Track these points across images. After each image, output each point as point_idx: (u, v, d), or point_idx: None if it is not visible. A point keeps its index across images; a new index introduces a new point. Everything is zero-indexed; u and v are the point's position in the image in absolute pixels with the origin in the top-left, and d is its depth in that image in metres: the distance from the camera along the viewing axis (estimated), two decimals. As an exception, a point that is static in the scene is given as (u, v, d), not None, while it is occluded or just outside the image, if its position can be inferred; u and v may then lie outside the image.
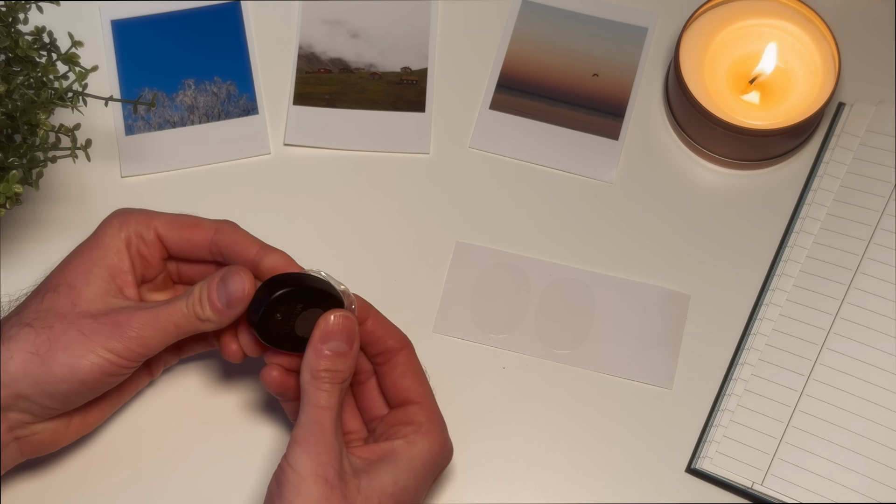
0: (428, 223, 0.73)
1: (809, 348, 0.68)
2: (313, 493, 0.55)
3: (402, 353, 0.61)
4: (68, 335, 0.57)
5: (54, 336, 0.57)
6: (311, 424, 0.57)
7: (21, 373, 0.57)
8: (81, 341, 0.57)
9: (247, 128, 0.75)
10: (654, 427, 0.68)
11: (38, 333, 0.57)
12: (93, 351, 0.57)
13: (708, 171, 0.74)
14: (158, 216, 0.62)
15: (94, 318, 0.58)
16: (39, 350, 0.57)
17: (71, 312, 0.58)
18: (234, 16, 0.77)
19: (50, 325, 0.57)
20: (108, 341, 0.57)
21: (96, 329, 0.57)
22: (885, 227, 0.70)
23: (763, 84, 0.73)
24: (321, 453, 0.56)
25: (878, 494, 0.65)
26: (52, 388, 0.57)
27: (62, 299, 0.59)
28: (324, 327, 0.58)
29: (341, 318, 0.58)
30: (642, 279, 0.71)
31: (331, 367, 0.58)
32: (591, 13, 0.77)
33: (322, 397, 0.57)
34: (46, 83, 0.63)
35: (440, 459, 0.60)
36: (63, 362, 0.57)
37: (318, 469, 0.55)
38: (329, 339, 0.58)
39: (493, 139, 0.75)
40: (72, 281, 0.59)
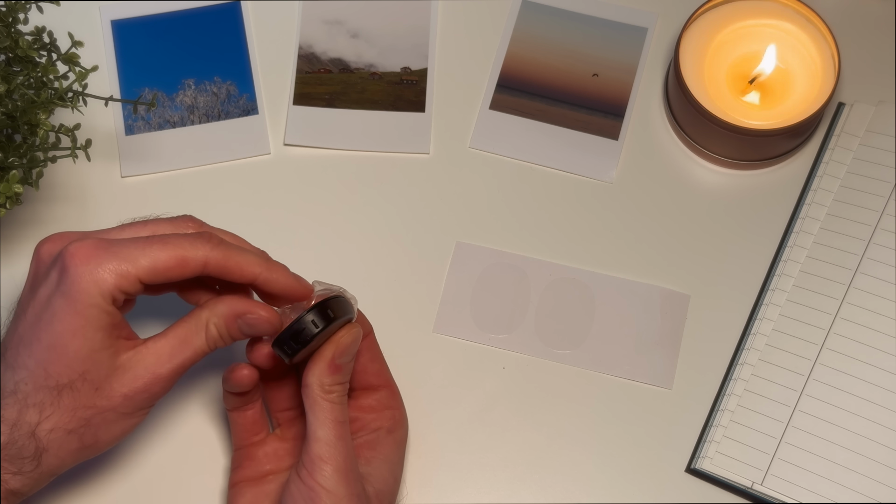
0: (428, 223, 0.73)
1: (809, 348, 0.68)
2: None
3: (369, 337, 0.63)
4: (107, 420, 0.57)
5: (95, 428, 0.57)
6: (337, 442, 0.57)
7: (72, 463, 0.58)
8: (122, 419, 0.58)
9: (247, 128, 0.75)
10: (654, 427, 0.68)
11: (81, 435, 0.57)
12: (133, 418, 0.58)
13: (708, 171, 0.74)
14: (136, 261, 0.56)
15: (123, 395, 0.57)
16: (86, 444, 0.57)
17: (98, 400, 0.57)
18: (234, 16, 0.77)
19: (87, 421, 0.57)
20: (145, 404, 0.58)
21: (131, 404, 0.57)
22: (885, 227, 0.70)
23: (763, 84, 0.73)
24: (351, 470, 0.57)
25: (878, 494, 0.65)
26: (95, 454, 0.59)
27: (83, 394, 0.56)
28: (339, 344, 0.58)
29: (353, 335, 0.59)
30: (642, 279, 0.71)
31: (341, 380, 0.58)
32: (591, 13, 0.77)
33: (339, 412, 0.58)
34: (46, 83, 0.63)
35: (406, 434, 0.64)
36: (109, 442, 0.58)
37: (350, 487, 0.57)
38: (343, 354, 0.58)
39: (493, 139, 0.75)
40: (84, 370, 0.56)
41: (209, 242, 0.57)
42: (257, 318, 0.58)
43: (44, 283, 0.57)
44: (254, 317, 0.58)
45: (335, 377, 0.58)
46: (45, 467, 0.56)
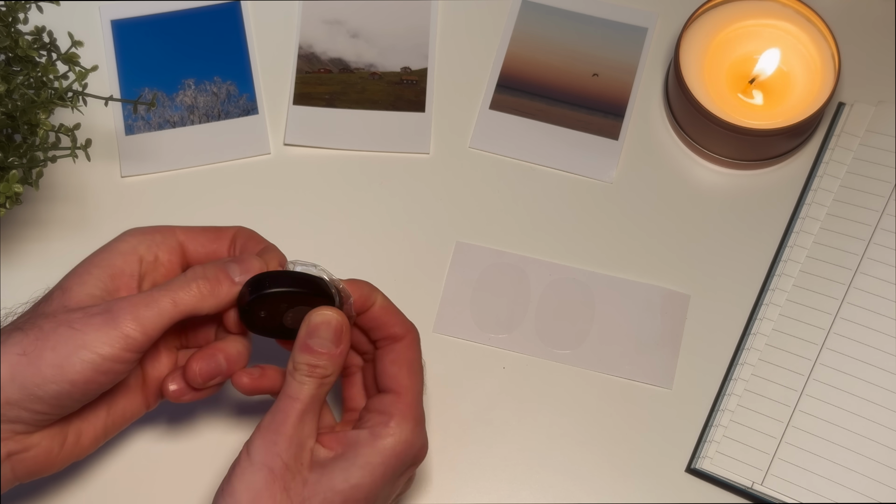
0: (428, 223, 0.73)
1: (809, 348, 0.68)
2: (255, 480, 0.54)
3: (402, 341, 0.60)
4: (58, 333, 0.54)
5: (43, 335, 0.54)
6: (276, 413, 0.56)
7: (8, 377, 0.54)
8: (71, 336, 0.54)
9: (247, 128, 0.75)
10: (654, 427, 0.68)
11: (25, 334, 0.54)
12: (84, 346, 0.54)
13: (708, 171, 0.74)
14: (179, 227, 0.61)
15: (83, 311, 0.55)
16: (27, 350, 0.54)
17: (61, 311, 0.56)
18: (234, 16, 0.77)
19: (39, 325, 0.55)
20: (99, 331, 0.54)
21: (86, 321, 0.55)
22: (885, 227, 0.70)
23: (763, 84, 0.73)
24: (275, 442, 0.55)
25: (879, 494, 0.65)
26: (40, 389, 0.54)
27: (53, 302, 0.57)
28: (309, 324, 0.58)
29: (324, 315, 0.58)
30: (642, 279, 0.71)
31: (310, 361, 0.57)
32: (591, 13, 0.77)
33: (293, 387, 0.57)
34: (46, 83, 0.63)
35: (405, 457, 0.58)
36: (51, 361, 0.54)
37: (267, 458, 0.55)
38: (313, 334, 0.57)
39: (493, 139, 0.75)
40: (65, 284, 0.57)
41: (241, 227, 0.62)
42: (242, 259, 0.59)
43: None
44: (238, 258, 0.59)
45: (303, 356, 0.57)
46: None
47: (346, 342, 0.58)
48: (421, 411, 0.59)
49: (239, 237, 0.61)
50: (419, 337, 0.61)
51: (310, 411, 0.57)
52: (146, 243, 0.59)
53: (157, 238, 0.59)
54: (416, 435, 0.58)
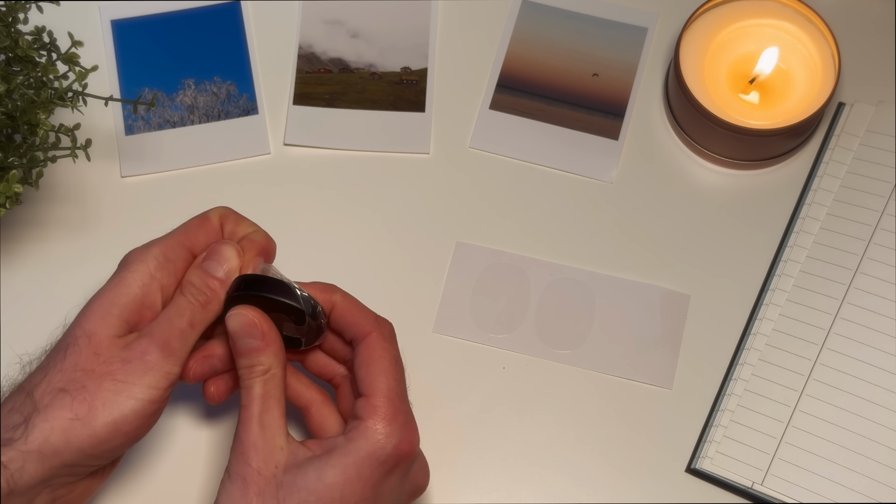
0: (428, 223, 0.73)
1: (809, 348, 0.68)
2: (232, 490, 0.55)
3: (365, 340, 0.59)
4: (104, 388, 0.55)
5: (91, 395, 0.55)
6: (239, 424, 0.57)
7: (63, 444, 0.54)
8: (118, 390, 0.55)
9: (247, 128, 0.75)
10: (654, 427, 0.68)
11: (73, 397, 0.55)
12: (131, 396, 0.55)
13: (708, 171, 0.74)
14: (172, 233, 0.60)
15: (121, 359, 0.56)
16: (79, 414, 0.54)
17: (97, 364, 0.56)
18: (234, 16, 0.77)
19: (83, 385, 0.55)
20: (143, 377, 0.56)
21: (128, 370, 0.56)
22: (885, 227, 0.70)
23: (763, 84, 0.73)
24: (241, 452, 0.56)
25: (879, 494, 0.65)
26: (96, 449, 0.55)
27: (84, 352, 0.56)
28: (229, 329, 0.58)
29: (238, 316, 0.58)
30: (642, 279, 0.71)
31: (244, 363, 0.57)
32: (591, 13, 0.77)
33: (243, 395, 0.57)
34: (46, 83, 0.63)
35: (381, 455, 0.56)
36: (105, 420, 0.55)
37: (238, 468, 0.55)
38: (235, 338, 0.58)
39: (493, 139, 0.75)
40: (90, 329, 0.57)
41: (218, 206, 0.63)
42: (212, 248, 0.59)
43: None
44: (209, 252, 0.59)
45: (238, 361, 0.58)
46: (33, 437, 0.54)
47: (271, 332, 0.58)
48: (395, 408, 0.58)
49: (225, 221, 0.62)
50: (389, 331, 0.60)
51: (266, 411, 0.57)
52: (165, 269, 0.59)
53: (171, 256, 0.59)
54: (388, 434, 0.57)
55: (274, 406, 0.57)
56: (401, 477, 0.58)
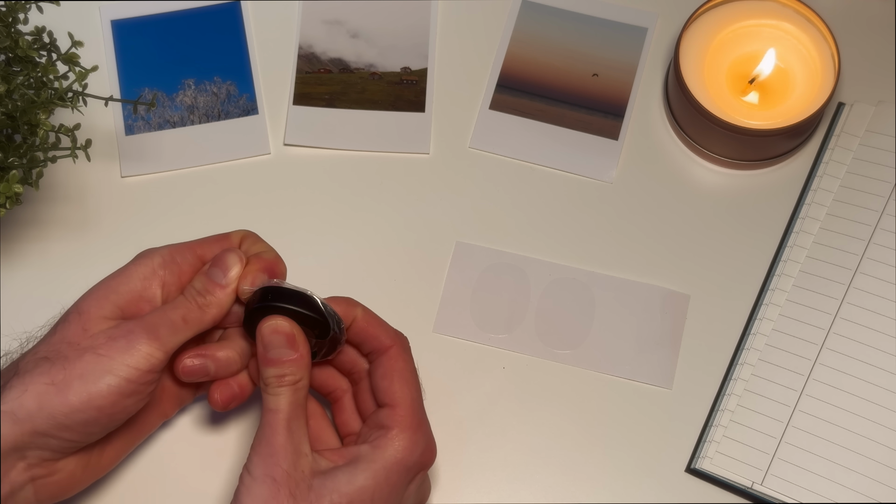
0: (428, 223, 0.73)
1: (809, 348, 0.68)
2: (261, 492, 0.55)
3: (387, 353, 0.61)
4: (84, 360, 0.56)
5: (69, 364, 0.56)
6: (263, 428, 0.57)
7: (36, 407, 0.55)
8: (97, 362, 0.56)
9: (247, 128, 0.75)
10: (654, 427, 0.68)
11: (52, 364, 0.56)
12: (109, 371, 0.56)
13: (708, 171, 0.74)
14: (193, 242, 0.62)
15: (107, 335, 0.57)
16: (55, 380, 0.55)
17: (83, 338, 0.57)
18: (234, 16, 0.77)
19: (65, 354, 0.56)
20: (124, 354, 0.56)
21: (110, 345, 0.56)
22: (885, 227, 0.70)
23: (763, 84, 0.73)
24: (269, 454, 0.56)
25: (878, 494, 0.65)
26: (69, 419, 0.55)
27: (72, 326, 0.57)
28: (262, 337, 0.59)
29: (273, 325, 0.59)
30: (642, 279, 0.71)
31: (275, 372, 0.58)
32: (591, 13, 0.77)
33: (271, 401, 0.58)
34: (46, 83, 0.63)
35: (408, 462, 0.59)
36: (79, 389, 0.55)
37: (267, 469, 0.56)
38: (268, 347, 0.59)
39: (493, 139, 0.75)
40: (83, 307, 0.58)
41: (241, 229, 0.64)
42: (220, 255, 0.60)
43: None
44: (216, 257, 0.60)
45: (267, 370, 0.58)
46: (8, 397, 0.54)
47: (304, 345, 0.59)
48: (419, 418, 0.60)
49: (243, 241, 0.63)
50: (407, 344, 0.62)
51: (295, 419, 0.58)
52: (169, 267, 0.60)
53: (178, 258, 0.61)
54: (415, 442, 0.59)
55: (301, 415, 0.58)
56: (418, 485, 0.60)
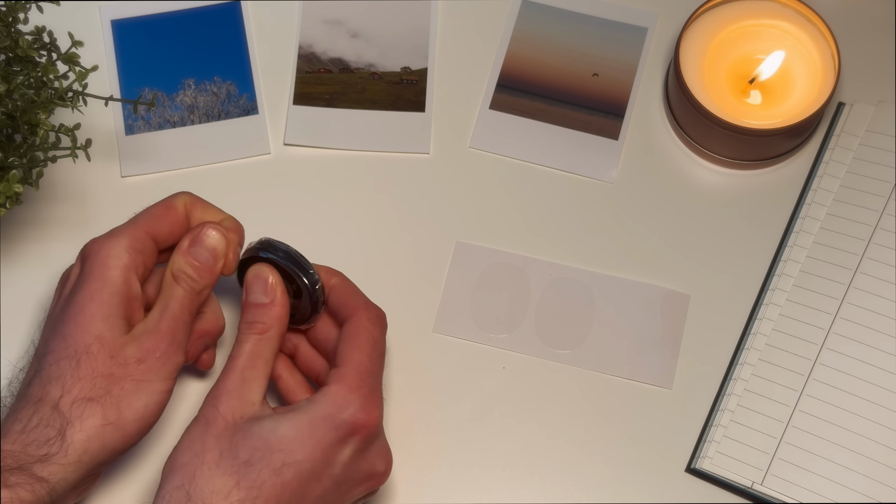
0: (428, 223, 0.73)
1: (809, 348, 0.68)
2: (193, 429, 0.58)
3: (350, 319, 0.62)
4: (127, 391, 0.58)
5: (116, 399, 0.58)
6: (222, 373, 0.59)
7: (100, 449, 0.57)
8: (141, 390, 0.58)
9: (247, 128, 0.75)
10: (654, 427, 0.68)
11: (101, 405, 0.57)
12: (153, 391, 0.59)
13: (708, 171, 0.74)
14: (137, 221, 0.63)
15: (136, 359, 0.58)
16: (110, 419, 0.57)
17: (114, 367, 0.58)
18: (234, 16, 0.77)
19: (108, 390, 0.58)
20: (159, 372, 0.59)
21: (145, 369, 0.58)
22: (885, 227, 0.70)
23: (763, 84, 0.73)
24: (213, 396, 0.58)
25: (879, 494, 0.65)
26: (125, 446, 0.59)
27: (99, 359, 0.58)
28: (245, 281, 0.61)
29: (256, 270, 0.61)
30: (642, 279, 0.71)
31: (248, 318, 0.60)
32: (591, 13, 0.77)
33: (235, 347, 0.60)
34: (46, 83, 0.63)
35: (338, 420, 0.57)
36: (134, 419, 0.58)
37: (205, 410, 0.58)
38: (248, 291, 0.61)
39: (493, 139, 0.75)
40: (98, 333, 0.58)
41: (183, 192, 0.65)
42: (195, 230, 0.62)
43: (70, 276, 0.62)
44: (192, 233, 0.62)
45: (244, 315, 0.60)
46: (72, 449, 0.56)
47: (281, 295, 0.61)
48: (361, 380, 0.59)
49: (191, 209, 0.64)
50: (377, 316, 0.62)
51: (250, 368, 0.59)
52: (137, 261, 0.61)
53: (137, 246, 0.61)
54: (347, 400, 0.58)
55: (260, 366, 0.60)
56: (356, 451, 0.59)
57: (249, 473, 0.56)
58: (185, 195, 0.64)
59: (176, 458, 0.57)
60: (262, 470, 0.56)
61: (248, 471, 0.56)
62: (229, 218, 0.64)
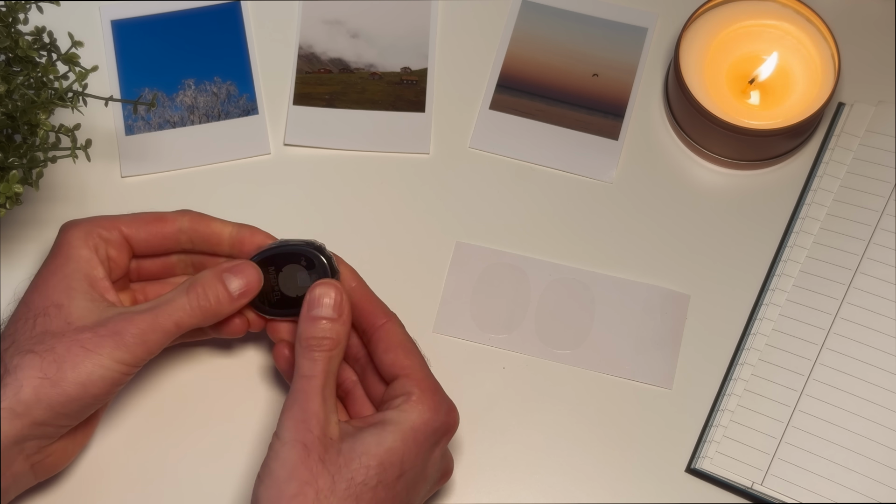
0: (428, 223, 0.73)
1: (809, 348, 0.68)
2: (290, 456, 0.56)
3: (383, 328, 0.62)
4: (73, 353, 0.57)
5: (59, 357, 0.57)
6: (296, 393, 0.58)
7: (34, 400, 0.56)
8: (87, 356, 0.57)
9: (247, 128, 0.75)
10: (654, 427, 0.68)
11: (42, 358, 0.57)
12: (101, 364, 0.57)
13: (708, 171, 0.74)
14: (120, 217, 0.63)
15: (92, 331, 0.58)
16: (48, 374, 0.57)
17: (68, 331, 0.58)
18: (234, 16, 0.77)
19: (52, 347, 0.57)
20: (112, 352, 0.58)
21: (98, 342, 0.58)
22: (885, 227, 0.70)
23: (763, 84, 0.73)
24: (301, 419, 0.57)
25: (879, 494, 0.65)
26: (66, 408, 0.57)
27: (54, 320, 0.58)
28: (309, 297, 0.60)
29: (323, 287, 0.60)
30: (642, 279, 0.71)
31: (316, 333, 0.59)
32: (591, 13, 0.77)
33: (306, 366, 0.58)
34: (46, 83, 0.63)
35: (436, 424, 0.59)
36: (74, 381, 0.57)
37: (297, 434, 0.56)
38: (314, 306, 0.60)
39: (493, 139, 0.75)
40: (57, 300, 0.59)
41: (185, 210, 0.64)
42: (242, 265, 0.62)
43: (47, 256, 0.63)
44: (238, 263, 0.62)
45: (307, 330, 0.59)
46: (5, 395, 0.56)
47: (348, 309, 0.61)
48: (434, 383, 0.61)
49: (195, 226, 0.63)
50: (399, 321, 0.63)
51: (327, 386, 0.59)
52: (100, 245, 0.62)
53: (106, 234, 0.62)
54: (438, 402, 0.60)
55: (333, 383, 0.59)
56: (443, 451, 0.61)
57: (365, 493, 0.56)
58: (186, 217, 0.64)
59: (282, 490, 0.55)
60: (377, 489, 0.56)
61: (365, 491, 0.56)
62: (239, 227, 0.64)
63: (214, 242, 0.64)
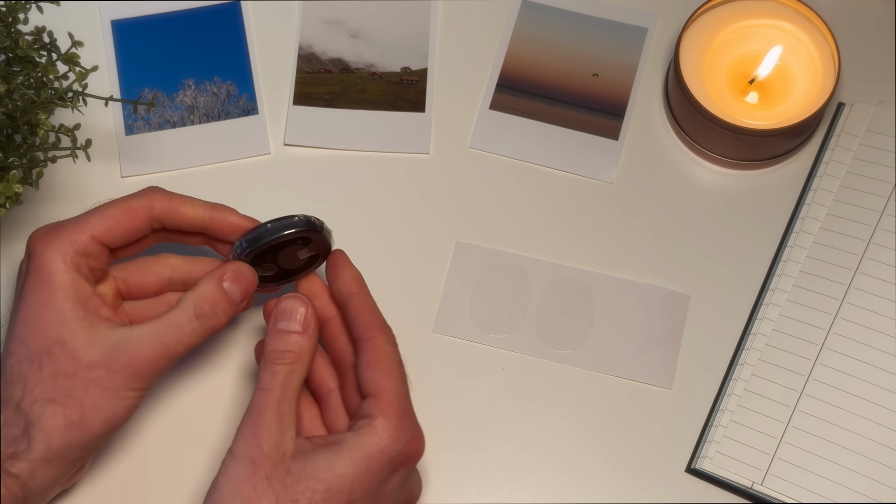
0: (428, 223, 0.73)
1: (809, 348, 0.68)
2: (238, 472, 0.55)
3: (371, 342, 0.60)
4: (92, 394, 0.57)
5: (79, 401, 0.57)
6: (252, 407, 0.57)
7: (65, 446, 0.57)
8: (106, 396, 0.57)
9: (247, 128, 0.75)
10: (654, 427, 0.68)
11: (63, 406, 0.57)
12: (120, 398, 0.58)
13: (708, 171, 0.74)
14: (88, 221, 0.61)
15: (104, 367, 0.57)
16: (72, 419, 0.57)
17: (78, 369, 0.57)
18: (234, 16, 0.77)
19: (69, 392, 0.57)
20: (129, 383, 0.58)
21: (113, 379, 0.58)
22: (885, 227, 0.70)
23: (763, 84, 0.73)
24: (253, 434, 0.56)
25: (879, 494, 0.65)
26: (94, 443, 0.58)
27: (61, 360, 0.57)
28: (275, 310, 0.60)
29: (289, 300, 0.60)
30: (642, 279, 0.71)
31: (278, 346, 0.59)
32: (591, 13, 0.77)
33: (266, 379, 0.58)
34: (46, 83, 0.63)
35: (393, 452, 0.57)
36: (99, 421, 0.58)
37: (247, 449, 0.56)
38: (279, 318, 0.59)
39: (493, 139, 0.75)
40: (57, 336, 0.58)
41: (152, 190, 0.62)
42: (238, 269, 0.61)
43: (21, 272, 0.61)
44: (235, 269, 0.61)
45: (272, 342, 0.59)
46: (36, 447, 0.56)
47: (314, 325, 0.60)
48: (404, 408, 0.59)
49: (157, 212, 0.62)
50: (393, 337, 0.61)
51: (285, 400, 0.58)
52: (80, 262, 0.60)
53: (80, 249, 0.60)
54: (400, 430, 0.58)
55: (293, 396, 0.58)
56: (402, 480, 0.59)
57: None
58: (156, 196, 0.62)
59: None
60: None
61: None
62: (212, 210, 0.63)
63: (188, 227, 0.63)
